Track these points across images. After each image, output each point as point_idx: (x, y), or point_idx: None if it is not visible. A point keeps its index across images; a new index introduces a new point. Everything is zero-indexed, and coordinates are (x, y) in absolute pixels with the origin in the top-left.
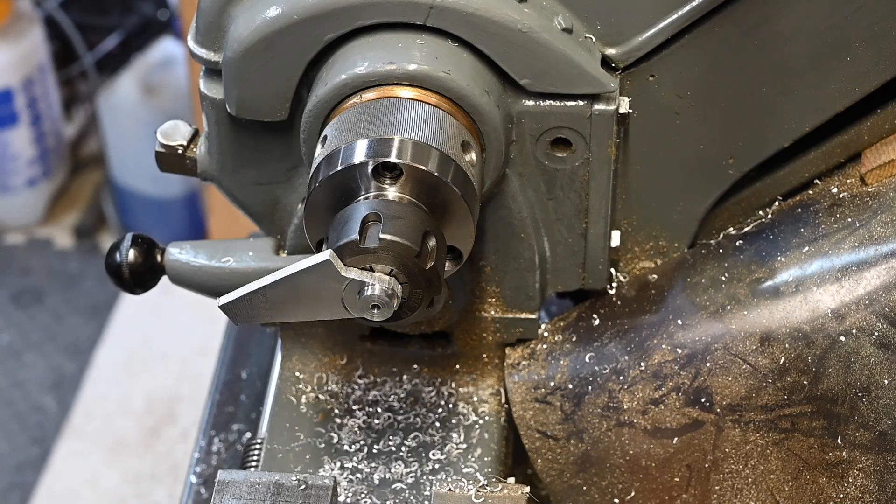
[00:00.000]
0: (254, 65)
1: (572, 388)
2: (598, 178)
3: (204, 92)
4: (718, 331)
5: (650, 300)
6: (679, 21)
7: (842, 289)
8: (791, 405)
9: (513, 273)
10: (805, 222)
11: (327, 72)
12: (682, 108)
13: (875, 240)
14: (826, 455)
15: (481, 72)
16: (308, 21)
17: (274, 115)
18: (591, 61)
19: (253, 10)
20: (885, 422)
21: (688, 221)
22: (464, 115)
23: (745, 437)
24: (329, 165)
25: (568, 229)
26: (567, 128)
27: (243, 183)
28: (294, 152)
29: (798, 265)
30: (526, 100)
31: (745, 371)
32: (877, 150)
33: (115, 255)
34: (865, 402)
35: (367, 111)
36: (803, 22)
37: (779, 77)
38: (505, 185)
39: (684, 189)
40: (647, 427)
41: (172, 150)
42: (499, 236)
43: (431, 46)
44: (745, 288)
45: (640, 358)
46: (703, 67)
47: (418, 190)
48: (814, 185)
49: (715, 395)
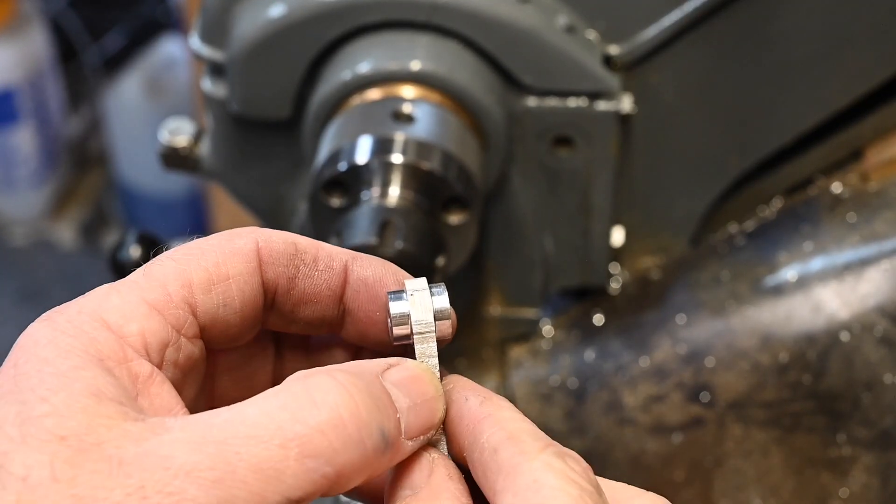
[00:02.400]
0: (257, 63)
1: (574, 386)
2: (600, 176)
3: (208, 90)
4: (720, 328)
5: (652, 297)
6: (681, 19)
7: (844, 286)
8: (793, 402)
9: (515, 270)
10: (807, 220)
11: (330, 70)
12: (683, 106)
13: (877, 237)
14: (828, 452)
15: (483, 70)
16: (311, 20)
17: (277, 114)
18: (592, 60)
19: (257, 9)
20: (887, 419)
21: (689, 219)
22: (466, 114)
23: (747, 434)
24: (332, 163)
25: (570, 227)
26: (569, 126)
27: (247, 181)
28: (297, 150)
29: (800, 262)
30: (528, 98)
31: (747, 368)
32: (879, 148)
33: (119, 252)
34: (868, 399)
35: (371, 110)
36: (805, 19)
37: (781, 74)
38: (507, 184)
39: (686, 187)
40: (648, 424)
41: (176, 149)
42: (501, 234)
43: (434, 45)
44: (746, 285)
45: (642, 355)
46: (705, 65)
47: (421, 189)
48: (816, 183)
49: (717, 392)
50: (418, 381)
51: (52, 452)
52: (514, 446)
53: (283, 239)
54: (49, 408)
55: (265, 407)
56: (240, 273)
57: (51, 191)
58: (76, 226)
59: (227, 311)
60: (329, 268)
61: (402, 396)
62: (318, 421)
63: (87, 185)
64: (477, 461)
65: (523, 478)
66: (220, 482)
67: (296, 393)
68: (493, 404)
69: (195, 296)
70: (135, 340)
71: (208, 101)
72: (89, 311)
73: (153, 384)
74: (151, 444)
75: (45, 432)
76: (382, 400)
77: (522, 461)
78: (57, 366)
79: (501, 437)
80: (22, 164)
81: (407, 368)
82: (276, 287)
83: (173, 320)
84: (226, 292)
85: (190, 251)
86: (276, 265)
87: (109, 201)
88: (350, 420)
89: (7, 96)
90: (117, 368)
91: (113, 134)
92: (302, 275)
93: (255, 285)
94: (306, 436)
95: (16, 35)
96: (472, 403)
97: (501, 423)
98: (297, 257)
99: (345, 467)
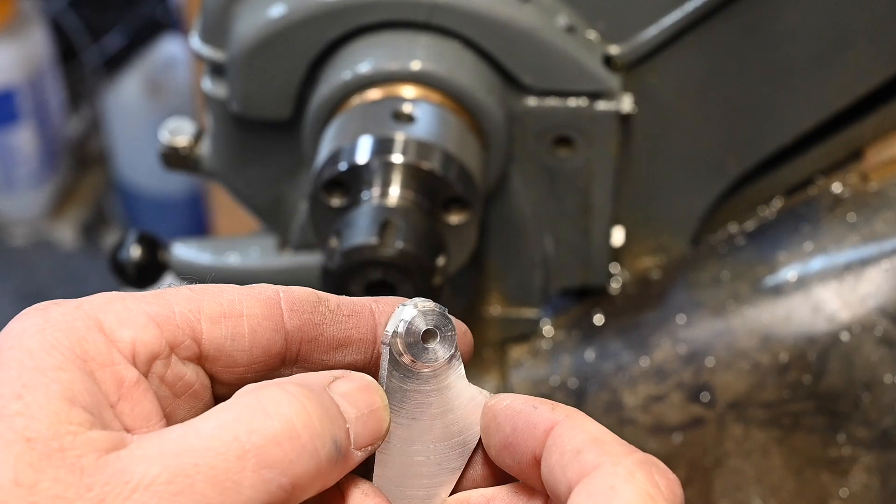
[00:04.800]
0: (258, 63)
1: (574, 386)
2: (601, 175)
3: (208, 90)
4: (720, 328)
5: (652, 297)
6: (681, 20)
7: (844, 286)
8: (793, 402)
9: (515, 270)
10: (807, 220)
11: (331, 70)
12: (683, 106)
13: (877, 237)
14: (828, 452)
15: (484, 70)
16: (312, 20)
17: (278, 114)
18: (593, 60)
19: (257, 9)
20: (887, 419)
21: (690, 219)
22: (467, 114)
23: (747, 434)
24: (332, 163)
25: (570, 227)
26: (569, 126)
27: (247, 180)
28: (298, 150)
29: (800, 262)
30: (528, 98)
31: (747, 368)
32: (879, 148)
33: (119, 252)
34: (868, 399)
35: (371, 109)
36: (805, 19)
37: (780, 74)
38: (507, 184)
39: (686, 186)
40: (648, 424)
41: (177, 149)
42: (501, 234)
43: (434, 45)
44: (746, 285)
45: (642, 355)
46: (705, 65)
47: (422, 188)
48: (816, 183)
49: (717, 392)
50: (365, 392)
51: (17, 454)
52: (598, 448)
53: (304, 290)
54: (21, 406)
55: (220, 420)
56: (255, 314)
57: (51, 191)
58: (76, 226)
59: (234, 346)
60: (354, 313)
61: (350, 407)
62: (274, 432)
63: (87, 185)
64: (555, 463)
65: (601, 481)
66: (180, 495)
67: (249, 405)
68: (565, 409)
69: (201, 322)
70: (124, 346)
71: (208, 101)
72: (87, 309)
73: (137, 391)
74: (111, 457)
75: (13, 432)
76: (332, 410)
77: (606, 462)
78: (38, 360)
79: (584, 438)
80: (22, 164)
81: (353, 379)
82: (302, 335)
83: (170, 336)
84: (236, 328)
85: (208, 287)
86: (301, 312)
87: (109, 201)
88: (304, 430)
89: (7, 96)
90: (100, 371)
91: (113, 134)
92: (328, 321)
93: (270, 329)
94: (262, 447)
95: (16, 35)
96: (543, 410)
97: (582, 425)
98: (321, 304)
99: (300, 478)
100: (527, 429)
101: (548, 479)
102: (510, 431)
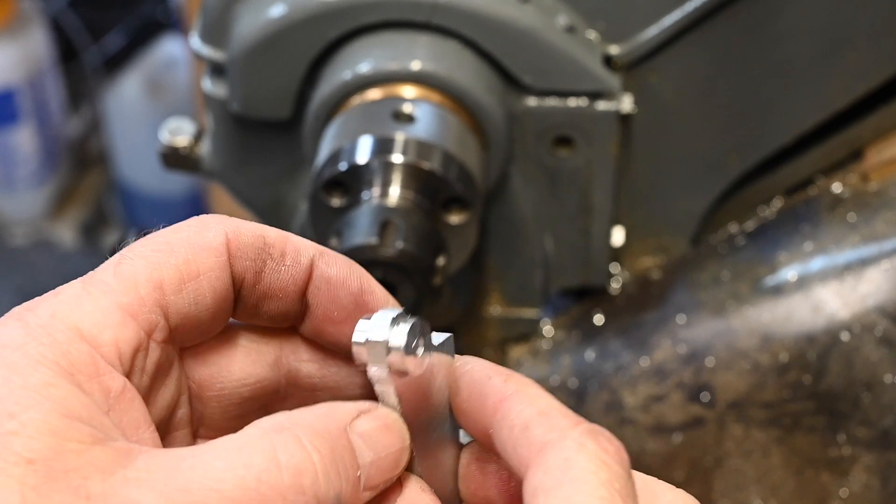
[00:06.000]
0: (258, 63)
1: (574, 386)
2: (601, 176)
3: (208, 90)
4: (720, 328)
5: (652, 297)
6: (681, 20)
7: (844, 286)
8: (793, 402)
9: (515, 270)
10: (807, 220)
11: (331, 70)
12: (684, 106)
13: (877, 237)
14: (828, 452)
15: (484, 70)
16: (312, 20)
17: (278, 113)
18: (593, 59)
19: (257, 9)
20: (887, 419)
21: (690, 219)
22: (467, 114)
23: (747, 434)
24: (332, 163)
25: (570, 227)
26: (569, 126)
27: (247, 180)
28: (298, 150)
29: (800, 262)
30: (528, 98)
31: (747, 368)
32: (879, 148)
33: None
34: (868, 399)
35: (371, 109)
36: (805, 19)
37: (781, 74)
38: (507, 184)
39: (686, 187)
40: (649, 424)
41: (177, 149)
42: (501, 234)
43: (434, 45)
44: (746, 285)
45: (642, 355)
46: (706, 65)
47: (422, 188)
48: (816, 183)
49: (717, 392)
50: (386, 433)
51: (21, 477)
52: (545, 422)
53: (252, 231)
54: (16, 425)
55: (231, 461)
56: (210, 269)
57: (51, 191)
58: (76, 226)
59: (198, 308)
60: (296, 263)
61: (367, 450)
62: (281, 486)
63: (87, 185)
64: (506, 438)
65: (554, 456)
66: None
67: (263, 450)
68: (517, 381)
69: (167, 297)
70: (108, 350)
71: (208, 101)
72: (63, 316)
73: (124, 400)
74: (117, 479)
75: (13, 453)
76: (345, 461)
77: (554, 438)
78: (26, 377)
79: (531, 413)
80: (22, 164)
81: (377, 417)
82: (243, 281)
83: (146, 325)
84: (197, 290)
85: (159, 247)
86: (244, 259)
87: (109, 201)
88: (310, 488)
89: (7, 96)
90: (88, 383)
91: (113, 134)
92: (269, 269)
93: (225, 280)
94: (268, 498)
95: (16, 35)
96: (496, 381)
97: (530, 399)
98: (265, 251)
99: None
100: (479, 399)
101: (501, 452)
102: (466, 398)
